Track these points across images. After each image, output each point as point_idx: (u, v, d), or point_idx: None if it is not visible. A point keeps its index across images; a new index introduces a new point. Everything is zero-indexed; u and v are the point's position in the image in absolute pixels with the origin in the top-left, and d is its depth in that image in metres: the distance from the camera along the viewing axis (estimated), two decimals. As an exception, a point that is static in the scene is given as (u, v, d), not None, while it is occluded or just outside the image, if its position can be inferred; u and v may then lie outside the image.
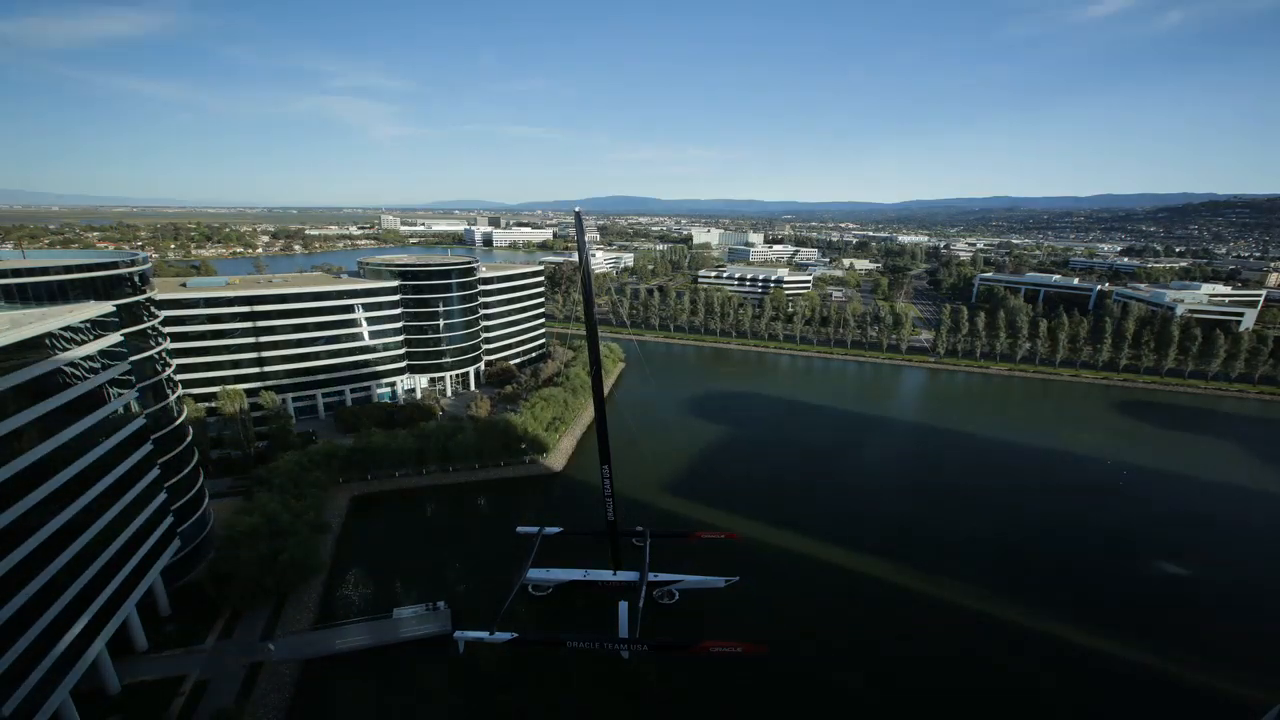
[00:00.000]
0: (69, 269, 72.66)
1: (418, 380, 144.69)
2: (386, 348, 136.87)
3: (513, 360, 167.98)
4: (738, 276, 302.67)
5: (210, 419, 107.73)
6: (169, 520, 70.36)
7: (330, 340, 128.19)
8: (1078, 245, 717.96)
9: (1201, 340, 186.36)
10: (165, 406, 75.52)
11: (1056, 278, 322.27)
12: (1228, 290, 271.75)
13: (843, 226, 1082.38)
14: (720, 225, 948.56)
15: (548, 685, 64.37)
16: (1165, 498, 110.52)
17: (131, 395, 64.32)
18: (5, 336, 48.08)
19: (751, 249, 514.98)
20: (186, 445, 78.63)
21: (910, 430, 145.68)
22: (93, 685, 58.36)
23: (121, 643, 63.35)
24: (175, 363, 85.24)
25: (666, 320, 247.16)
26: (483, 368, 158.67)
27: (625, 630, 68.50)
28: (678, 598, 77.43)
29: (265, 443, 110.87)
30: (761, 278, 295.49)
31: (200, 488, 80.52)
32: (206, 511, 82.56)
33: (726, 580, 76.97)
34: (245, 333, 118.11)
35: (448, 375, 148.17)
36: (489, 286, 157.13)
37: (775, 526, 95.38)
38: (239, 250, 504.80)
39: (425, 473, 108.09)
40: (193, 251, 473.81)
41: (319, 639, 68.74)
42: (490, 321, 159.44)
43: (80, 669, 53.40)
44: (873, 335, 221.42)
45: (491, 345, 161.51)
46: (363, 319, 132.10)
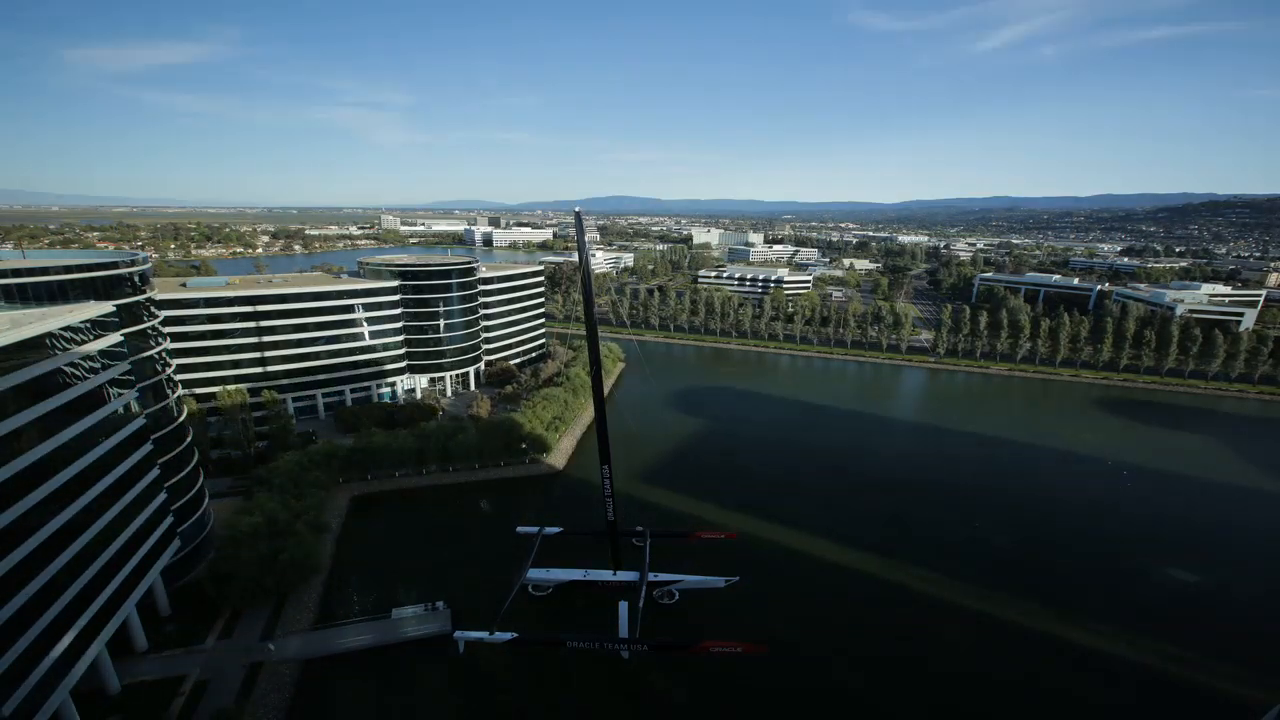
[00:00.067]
0: (69, 269, 72.61)
1: (418, 380, 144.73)
2: (386, 348, 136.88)
3: (513, 360, 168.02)
4: (738, 276, 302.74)
5: (210, 419, 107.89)
6: (169, 520, 70.40)
7: (330, 340, 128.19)
8: (1078, 245, 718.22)
9: (1201, 340, 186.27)
10: (165, 406, 75.52)
11: (1056, 278, 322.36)
12: (1228, 290, 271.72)
13: (843, 226, 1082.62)
14: (720, 225, 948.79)
15: (548, 685, 64.40)
16: (1165, 497, 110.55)
17: (131, 395, 64.37)
18: (5, 336, 48.11)
19: (751, 249, 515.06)
20: (186, 445, 78.64)
21: (910, 430, 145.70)
22: (93, 685, 58.36)
23: (121, 643, 63.36)
24: (175, 363, 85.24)
25: (666, 320, 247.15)
26: (483, 368, 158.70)
27: (625, 630, 68.55)
28: (678, 598, 77.44)
29: (265, 443, 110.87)
30: (761, 278, 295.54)
31: (200, 488, 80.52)
32: (206, 511, 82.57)
33: (726, 580, 77.03)
34: (245, 333, 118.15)
35: (448, 375, 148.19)
36: (489, 286, 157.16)
37: (775, 526, 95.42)
38: (239, 250, 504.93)
39: (425, 473, 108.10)
40: (193, 251, 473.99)
41: (319, 639, 68.76)
42: (490, 321, 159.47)
43: (80, 669, 53.39)
44: (873, 335, 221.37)
45: (491, 345, 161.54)
46: (363, 319, 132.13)
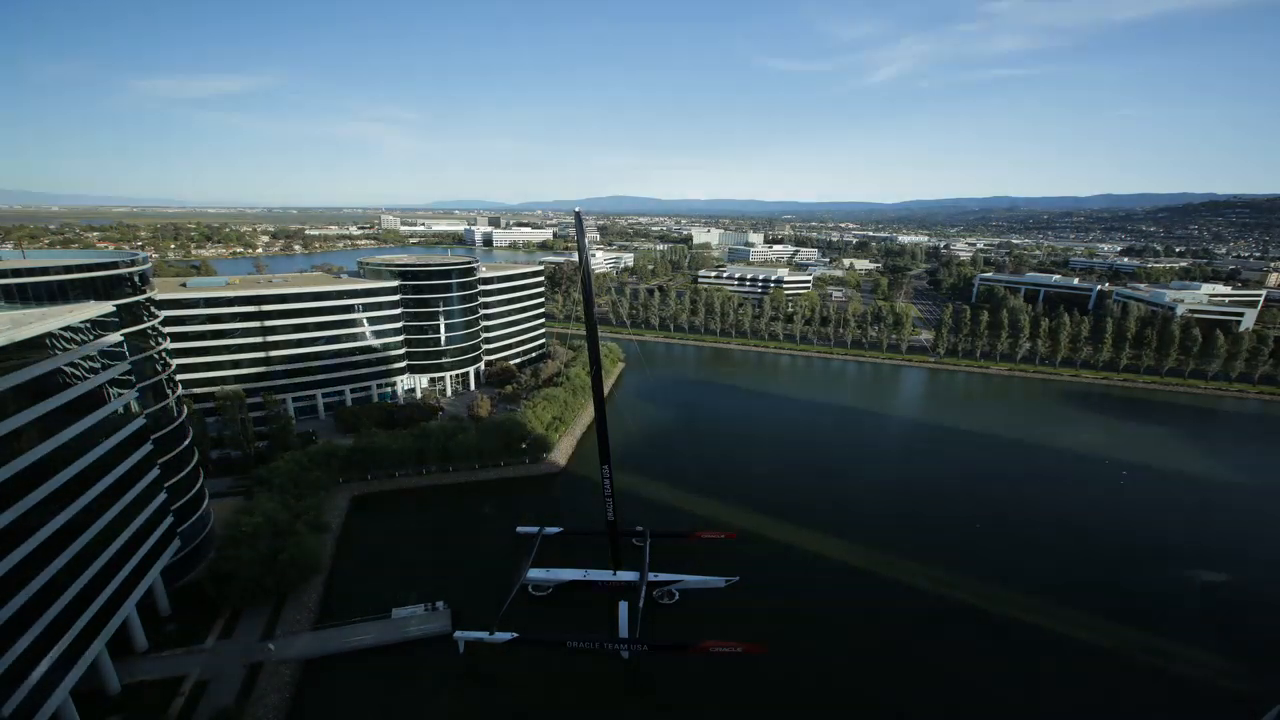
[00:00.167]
0: (69, 269, 72.55)
1: (418, 380, 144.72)
2: (386, 348, 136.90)
3: (513, 360, 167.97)
4: (738, 276, 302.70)
5: (210, 419, 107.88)
6: (169, 520, 70.43)
7: (330, 340, 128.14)
8: (1078, 245, 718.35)
9: (1201, 340, 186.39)
10: (165, 406, 75.49)
11: (1056, 278, 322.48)
12: (1228, 290, 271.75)
13: (843, 226, 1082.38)
14: (720, 225, 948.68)
15: (548, 685, 64.35)
16: (1165, 497, 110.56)
17: (131, 395, 64.40)
18: (5, 336, 48.11)
19: (751, 249, 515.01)
20: (186, 445, 78.61)
21: (911, 430, 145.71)
22: (93, 685, 58.33)
23: (121, 643, 63.35)
24: (175, 363, 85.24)
25: (666, 320, 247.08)
26: (483, 368, 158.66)
27: (625, 630, 68.61)
28: (678, 598, 77.44)
29: (265, 443, 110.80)
30: (761, 278, 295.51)
31: (200, 488, 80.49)
32: (206, 511, 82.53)
33: (726, 580, 77.15)
34: (245, 333, 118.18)
35: (448, 375, 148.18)
36: (489, 286, 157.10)
37: (775, 526, 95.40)
38: (239, 250, 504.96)
39: (425, 473, 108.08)
40: (193, 251, 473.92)
41: (319, 639, 68.75)
42: (490, 321, 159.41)
43: (80, 669, 53.42)
44: (873, 335, 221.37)
45: (491, 345, 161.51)
46: (363, 319, 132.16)
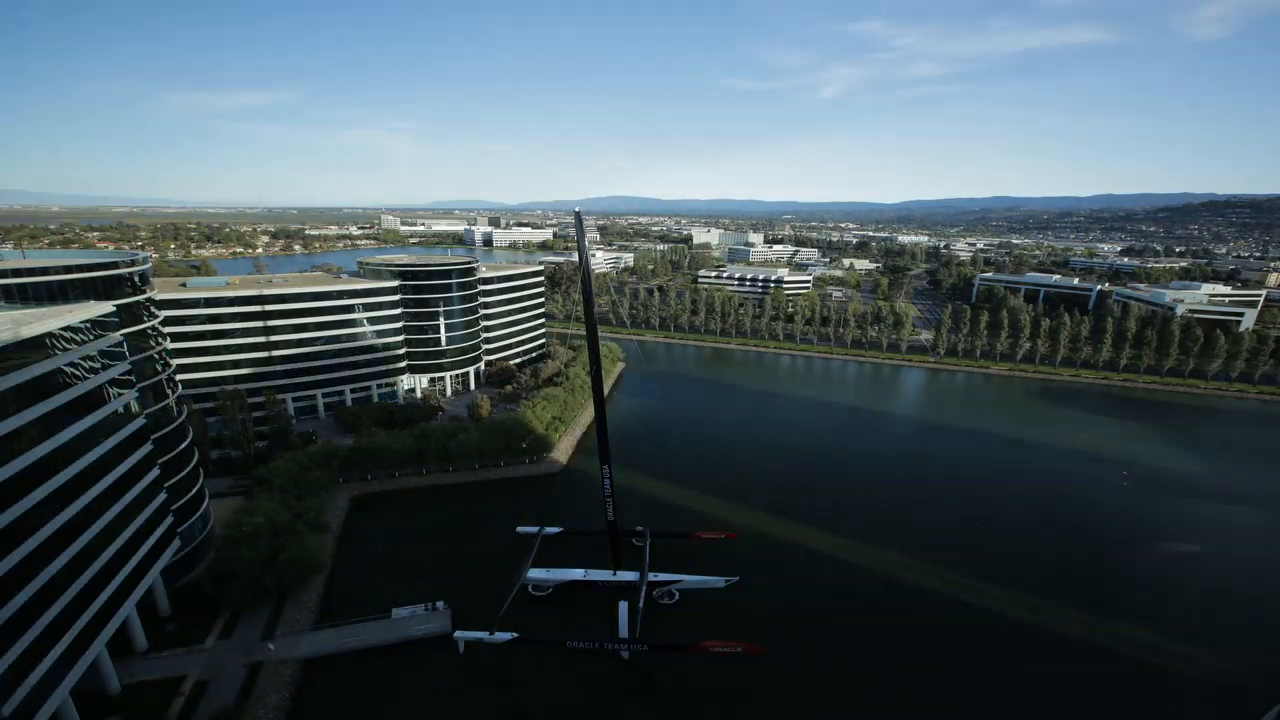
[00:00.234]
0: (69, 269, 72.45)
1: (418, 380, 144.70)
2: (386, 348, 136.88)
3: (513, 360, 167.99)
4: (738, 276, 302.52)
5: (210, 419, 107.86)
6: (169, 520, 70.45)
7: (330, 340, 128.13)
8: (1078, 245, 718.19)
9: (1201, 340, 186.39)
10: (165, 406, 75.42)
11: (1056, 278, 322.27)
12: (1228, 290, 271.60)
13: (843, 226, 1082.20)
14: (720, 225, 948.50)
15: (548, 685, 64.36)
16: (1166, 497, 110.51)
17: (131, 395, 64.41)
18: (5, 336, 48.14)
19: (751, 249, 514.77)
20: (186, 445, 78.56)
21: (911, 429, 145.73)
22: (93, 685, 58.32)
23: (121, 643, 63.34)
24: (175, 363, 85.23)
25: (666, 320, 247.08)
26: (483, 368, 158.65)
27: (625, 630, 68.64)
28: (678, 598, 77.45)
29: (265, 443, 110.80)
30: (761, 278, 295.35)
31: (200, 488, 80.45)
32: (206, 511, 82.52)
33: (726, 580, 77.19)
34: (245, 333, 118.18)
35: (448, 375, 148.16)
36: (489, 286, 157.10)
37: (775, 526, 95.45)
38: (239, 250, 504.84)
39: (425, 473, 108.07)
40: (193, 251, 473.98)
41: (319, 639, 68.75)
42: (490, 321, 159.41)
43: (80, 669, 53.43)
44: (873, 335, 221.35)
45: (491, 345, 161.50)
46: (363, 319, 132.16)
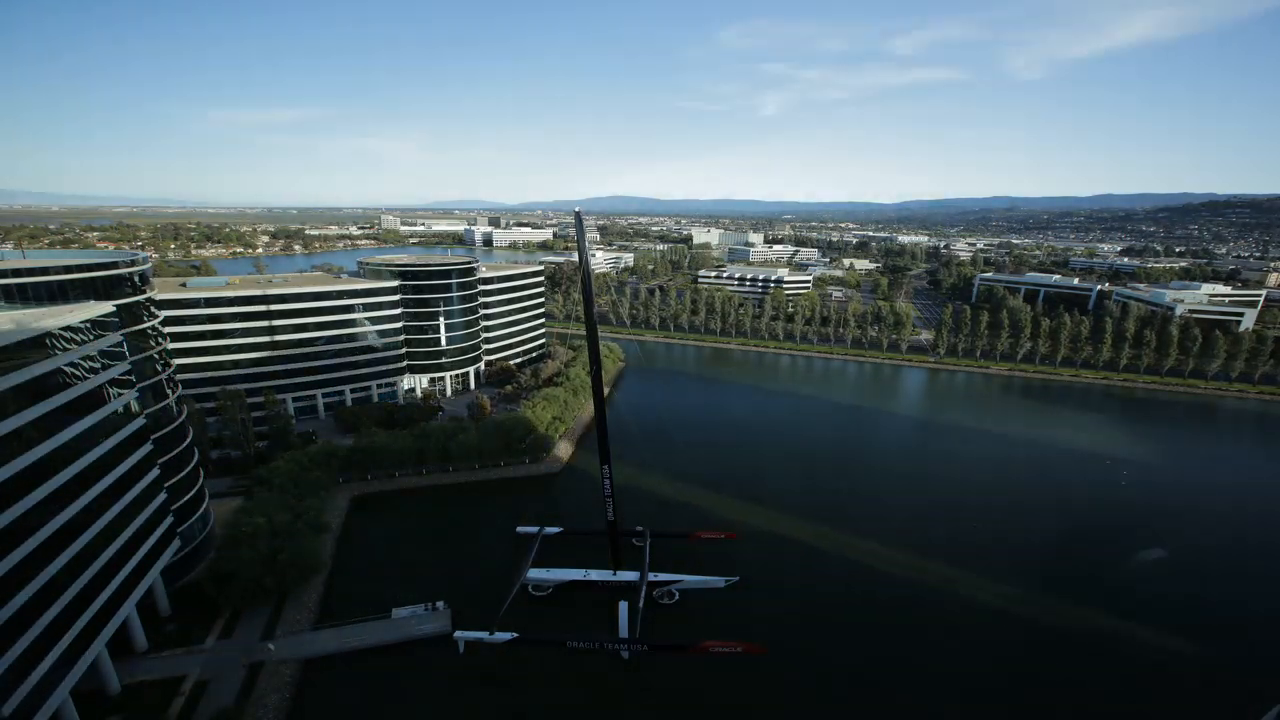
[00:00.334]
0: (69, 269, 72.54)
1: (418, 380, 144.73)
2: (386, 348, 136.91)
3: (513, 360, 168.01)
4: (738, 276, 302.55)
5: (210, 419, 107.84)
6: (169, 520, 70.44)
7: (330, 340, 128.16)
8: (1078, 245, 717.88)
9: (1201, 340, 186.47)
10: (165, 406, 75.42)
11: (1056, 278, 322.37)
12: (1228, 290, 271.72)
13: (843, 226, 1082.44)
14: (720, 225, 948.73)
15: (548, 685, 64.37)
16: (1166, 497, 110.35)
17: (131, 395, 64.40)
18: (5, 336, 48.17)
19: (751, 249, 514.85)
20: (186, 445, 78.55)
21: (911, 429, 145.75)
22: (93, 685, 58.32)
23: (121, 643, 63.35)
24: (176, 363, 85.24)
25: (667, 320, 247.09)
26: (483, 367, 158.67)
27: (625, 630, 68.66)
28: (678, 598, 77.44)
29: (265, 443, 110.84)
30: (761, 278, 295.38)
31: (200, 488, 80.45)
32: (206, 511, 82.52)
33: (726, 580, 77.20)
34: (246, 333, 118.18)
35: (448, 375, 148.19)
36: (489, 286, 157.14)
37: (775, 526, 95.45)
38: (239, 250, 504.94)
39: (425, 473, 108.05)
40: (193, 251, 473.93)
41: (319, 639, 68.76)
42: (490, 321, 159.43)
43: (80, 669, 53.42)
44: (873, 335, 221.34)
45: (491, 345, 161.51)
46: (363, 319, 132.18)
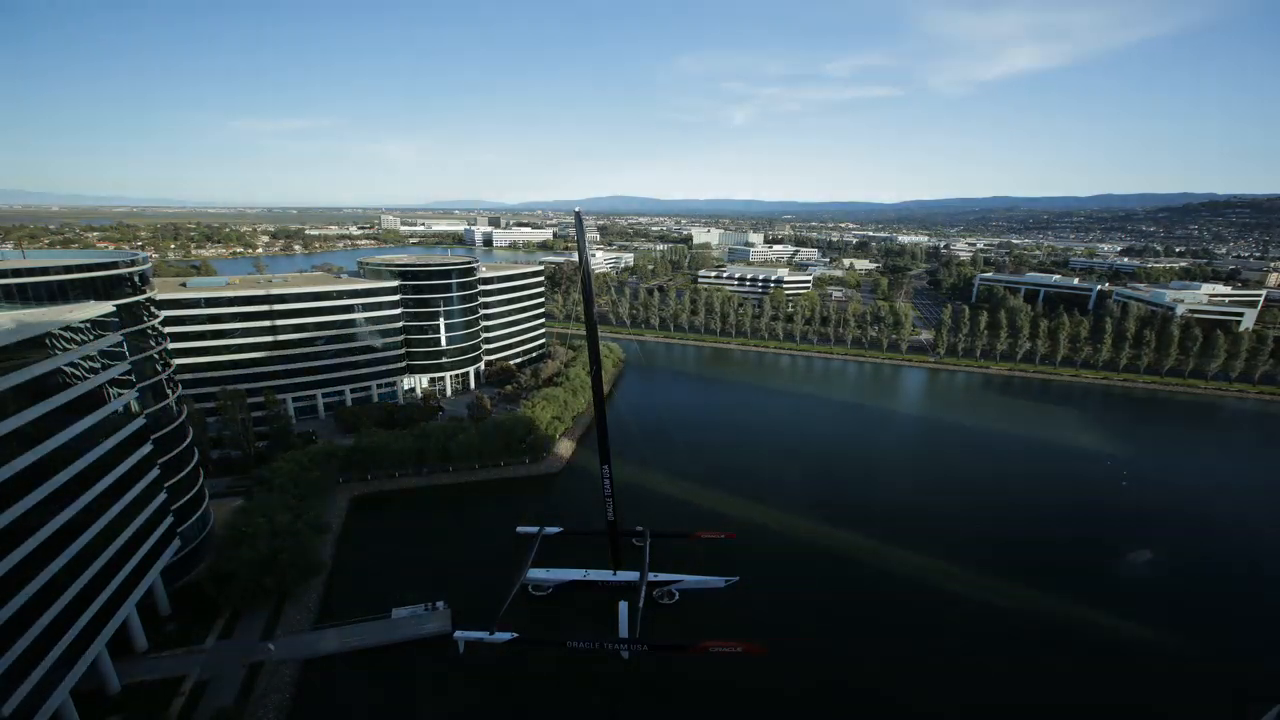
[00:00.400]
0: (69, 269, 72.59)
1: (418, 380, 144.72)
2: (386, 348, 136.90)
3: (513, 360, 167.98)
4: (738, 276, 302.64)
5: (210, 419, 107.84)
6: (169, 520, 70.43)
7: (330, 340, 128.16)
8: (1078, 245, 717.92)
9: (1201, 340, 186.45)
10: (165, 406, 75.46)
11: (1056, 278, 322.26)
12: (1228, 290, 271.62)
13: (843, 226, 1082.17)
14: (720, 225, 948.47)
15: (548, 685, 64.38)
16: (1167, 498, 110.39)
17: (131, 395, 64.39)
18: (5, 336, 48.17)
19: (751, 249, 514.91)
20: (186, 445, 78.59)
21: (911, 429, 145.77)
22: (93, 685, 58.36)
23: (121, 643, 63.36)
24: (175, 363, 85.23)
25: (666, 320, 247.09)
26: (483, 367, 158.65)
27: (625, 630, 68.67)
28: (678, 598, 77.46)
29: (265, 443, 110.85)
30: (761, 278, 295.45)
31: (200, 488, 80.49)
32: (206, 511, 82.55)
33: (726, 580, 77.15)
34: (246, 333, 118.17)
35: (448, 375, 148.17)
36: (489, 286, 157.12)
37: (775, 526, 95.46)
38: (239, 250, 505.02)
39: (425, 473, 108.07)
40: (193, 251, 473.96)
41: (319, 639, 68.77)
42: (490, 321, 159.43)
43: (80, 669, 53.44)
44: (873, 335, 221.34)
45: (491, 345, 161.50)
46: (363, 319, 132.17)
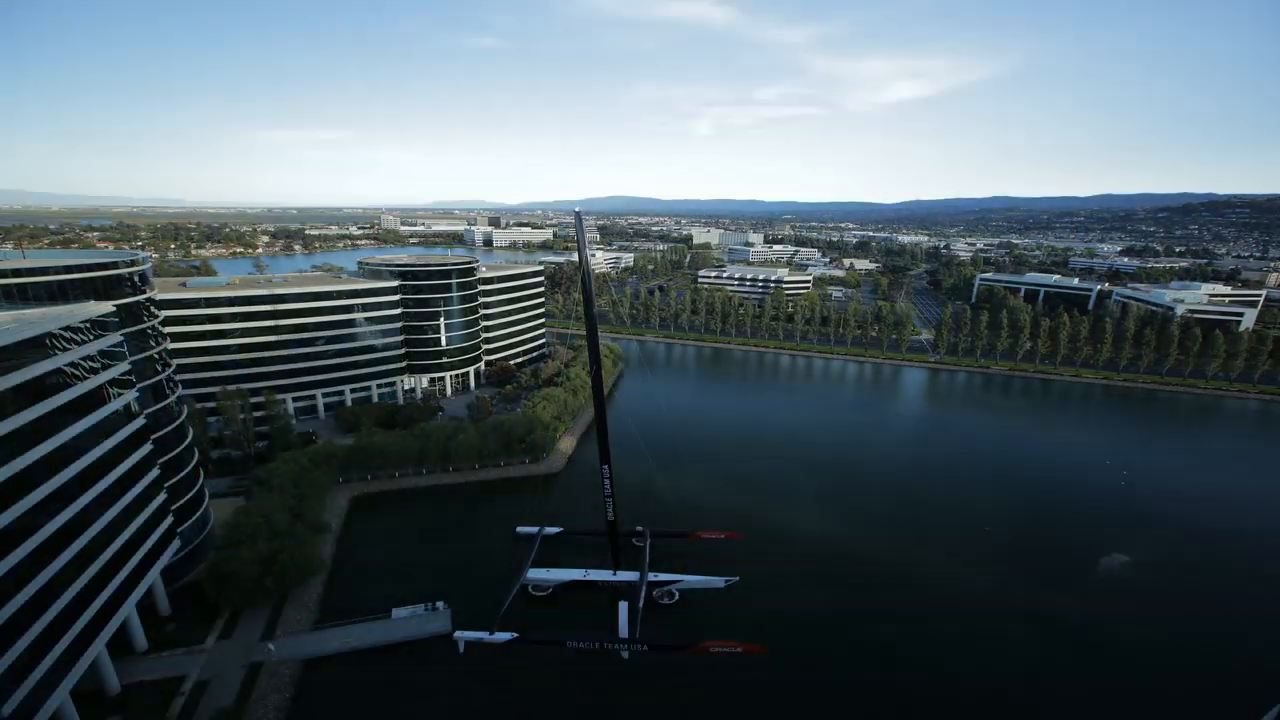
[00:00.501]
0: (69, 269, 72.50)
1: (418, 380, 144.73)
2: (386, 347, 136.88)
3: (513, 360, 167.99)
4: (738, 276, 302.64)
5: (210, 419, 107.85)
6: (169, 520, 70.37)
7: (330, 340, 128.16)
8: (1078, 245, 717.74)
9: (1201, 340, 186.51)
10: (165, 406, 75.37)
11: (1056, 278, 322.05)
12: (1228, 290, 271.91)
13: (843, 226, 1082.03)
14: (720, 225, 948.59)
15: (548, 685, 64.37)
16: (1167, 497, 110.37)
17: (131, 395, 64.31)
18: (5, 336, 48.10)
19: (751, 249, 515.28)
20: (186, 445, 78.51)
21: (911, 429, 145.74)
22: (93, 685, 58.28)
23: (121, 643, 63.31)
24: (175, 363, 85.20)
25: (667, 320, 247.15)
26: (483, 367, 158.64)
27: (625, 630, 68.63)
28: (678, 598, 77.45)
29: (265, 443, 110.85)
30: (761, 278, 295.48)
31: (200, 488, 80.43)
32: (206, 511, 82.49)
33: (726, 580, 77.07)
34: (245, 333, 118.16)
35: (448, 375, 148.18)
36: (489, 286, 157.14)
37: (775, 526, 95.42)
38: (239, 250, 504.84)
39: (425, 473, 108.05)
40: (193, 251, 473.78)
41: (319, 639, 68.73)
42: (490, 321, 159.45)
43: (80, 669, 53.40)
44: (873, 335, 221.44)
45: (491, 345, 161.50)
46: (363, 319, 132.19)
